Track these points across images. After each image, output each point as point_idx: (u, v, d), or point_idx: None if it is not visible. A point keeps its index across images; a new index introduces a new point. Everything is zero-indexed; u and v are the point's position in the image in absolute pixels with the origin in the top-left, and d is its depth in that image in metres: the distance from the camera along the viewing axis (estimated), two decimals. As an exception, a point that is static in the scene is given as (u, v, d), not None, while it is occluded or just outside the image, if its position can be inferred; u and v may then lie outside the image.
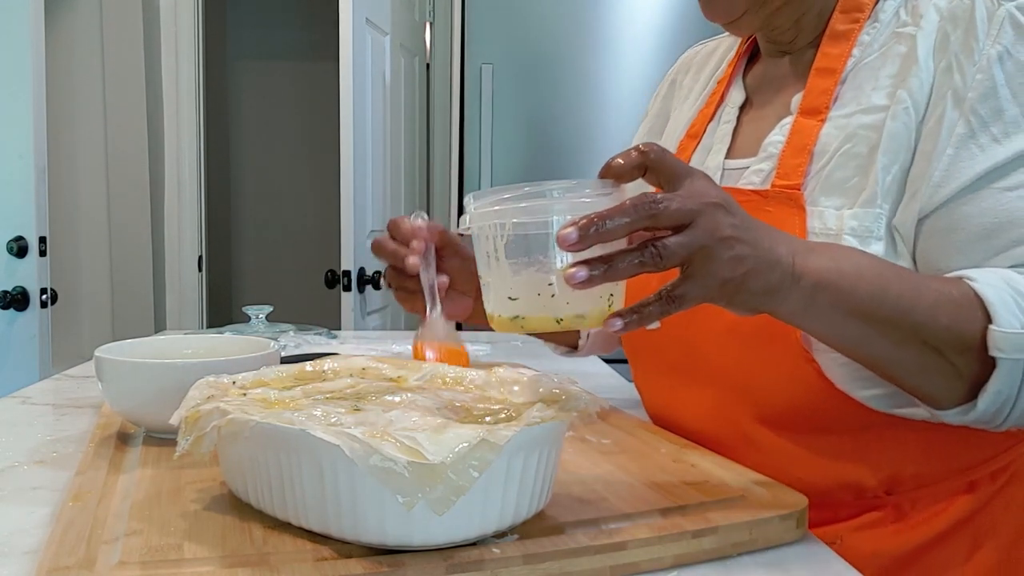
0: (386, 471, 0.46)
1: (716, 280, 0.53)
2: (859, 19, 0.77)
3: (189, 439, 0.54)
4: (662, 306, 0.53)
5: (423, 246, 0.83)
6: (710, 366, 0.77)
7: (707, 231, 0.52)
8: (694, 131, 0.90)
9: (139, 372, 0.74)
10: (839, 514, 0.75)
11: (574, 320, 0.56)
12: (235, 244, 4.51)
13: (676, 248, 0.52)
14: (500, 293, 0.58)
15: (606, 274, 0.52)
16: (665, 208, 0.52)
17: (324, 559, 0.50)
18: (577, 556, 0.52)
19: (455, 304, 0.91)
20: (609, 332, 0.55)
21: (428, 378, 0.69)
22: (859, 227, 0.70)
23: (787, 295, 0.57)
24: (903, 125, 0.70)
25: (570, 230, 0.51)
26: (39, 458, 0.78)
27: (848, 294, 0.59)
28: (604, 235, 0.51)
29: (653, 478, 0.66)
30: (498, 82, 2.46)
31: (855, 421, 0.71)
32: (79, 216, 2.88)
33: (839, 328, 0.61)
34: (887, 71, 0.73)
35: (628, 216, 0.51)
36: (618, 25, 2.44)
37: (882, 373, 0.66)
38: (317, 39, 4.16)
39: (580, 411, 0.56)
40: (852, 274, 0.59)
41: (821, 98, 0.75)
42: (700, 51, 0.99)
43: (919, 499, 0.75)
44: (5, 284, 2.01)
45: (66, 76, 2.78)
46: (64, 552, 0.50)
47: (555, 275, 0.55)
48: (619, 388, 1.16)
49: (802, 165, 0.74)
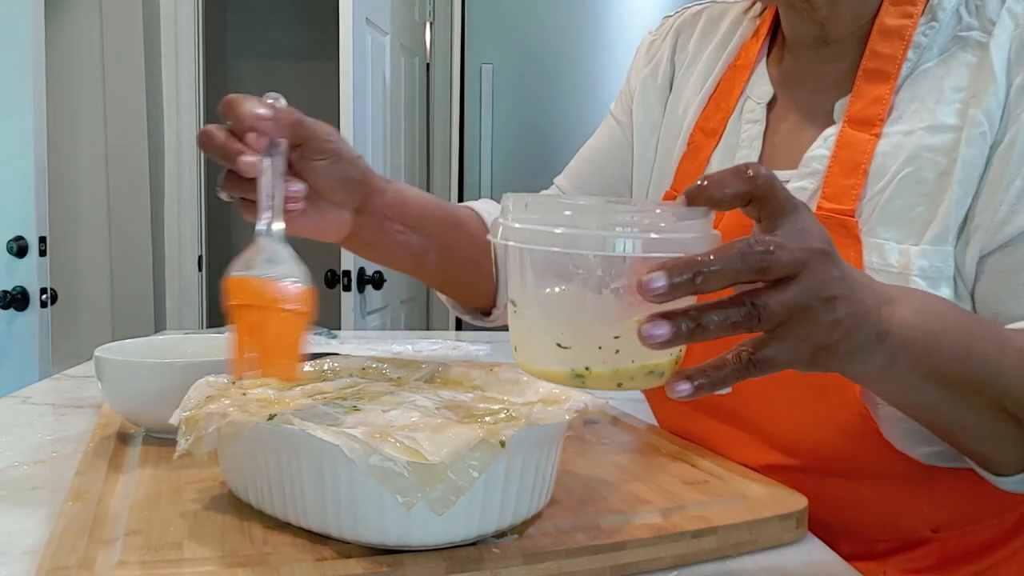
0: (386, 471, 0.46)
1: (811, 346, 0.44)
2: (911, 14, 0.67)
3: (189, 439, 0.54)
4: (742, 371, 0.43)
5: (264, 142, 0.61)
6: (747, 408, 0.69)
7: (813, 289, 0.42)
8: (711, 126, 0.78)
9: (139, 372, 0.74)
10: (877, 549, 0.69)
11: (642, 379, 0.46)
12: (235, 244, 4.51)
13: (779, 309, 0.42)
14: (547, 336, 0.46)
15: (692, 334, 0.41)
16: (777, 260, 0.41)
17: (324, 559, 0.50)
18: (577, 556, 0.52)
19: (322, 218, 0.69)
20: (672, 396, 0.44)
21: (428, 378, 0.69)
22: (929, 268, 0.61)
23: (868, 355, 0.47)
24: (979, 152, 0.62)
25: (657, 275, 0.40)
26: (39, 458, 0.78)
27: (931, 355, 0.50)
28: (700, 287, 0.40)
29: (653, 478, 0.66)
30: (498, 82, 2.46)
31: (907, 471, 0.64)
32: (79, 216, 2.88)
33: (914, 392, 0.53)
34: (952, 82, 0.64)
35: (734, 266, 0.40)
36: (618, 25, 2.44)
37: (945, 437, 0.59)
38: (317, 39, 4.16)
39: (580, 411, 0.56)
40: (938, 331, 0.51)
41: (874, 107, 0.66)
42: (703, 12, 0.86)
43: (967, 535, 0.70)
44: (5, 284, 2.01)
45: (66, 76, 2.78)
46: (64, 552, 0.50)
47: (623, 326, 0.44)
48: (619, 388, 1.16)
49: (856, 187, 0.64)
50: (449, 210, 0.83)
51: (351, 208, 0.71)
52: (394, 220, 0.75)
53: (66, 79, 2.78)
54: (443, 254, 0.80)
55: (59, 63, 2.71)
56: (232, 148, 0.61)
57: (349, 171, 0.68)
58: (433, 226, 0.78)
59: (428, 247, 0.78)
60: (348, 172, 0.68)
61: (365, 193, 0.71)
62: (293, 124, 0.63)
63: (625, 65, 0.98)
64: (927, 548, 0.70)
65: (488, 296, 0.86)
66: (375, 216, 0.73)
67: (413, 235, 0.76)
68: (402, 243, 0.76)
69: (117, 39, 2.90)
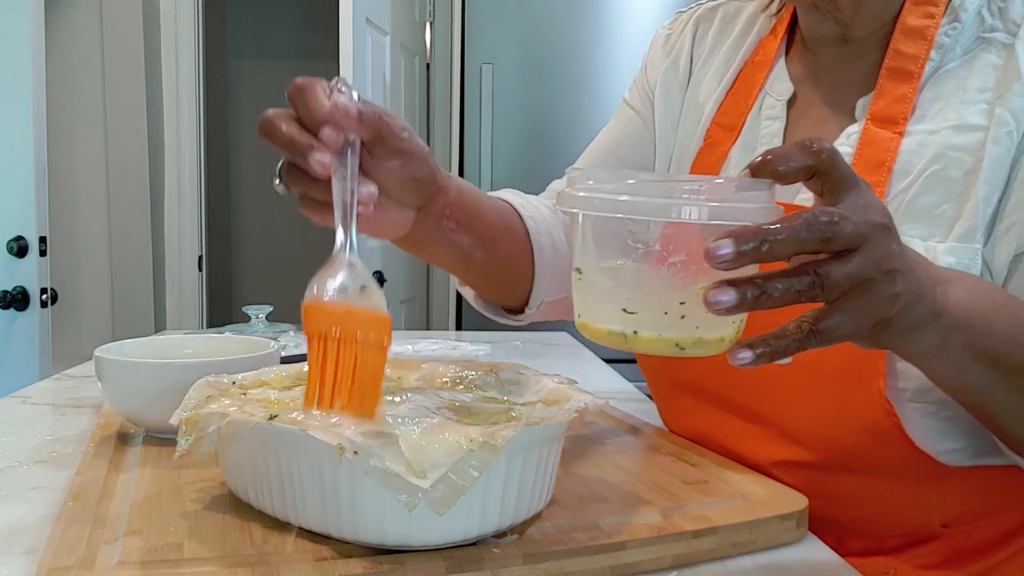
0: (386, 471, 0.46)
1: (871, 318, 0.45)
2: (933, 14, 0.67)
3: (189, 439, 0.54)
4: (802, 341, 0.44)
5: (340, 139, 0.55)
6: (765, 401, 0.69)
7: (875, 262, 0.44)
8: (729, 122, 0.78)
9: (139, 372, 0.74)
10: (885, 544, 0.70)
11: (702, 345, 0.47)
12: (235, 244, 4.51)
13: (841, 279, 0.43)
14: (611, 302, 0.48)
15: (757, 301, 0.42)
16: (841, 231, 0.43)
17: (324, 559, 0.50)
18: (577, 556, 0.52)
19: (385, 217, 0.64)
20: (733, 364, 0.45)
21: (428, 378, 0.69)
22: (956, 264, 0.61)
23: (923, 333, 0.49)
24: (1006, 151, 0.62)
25: (725, 242, 0.41)
26: (39, 458, 0.78)
27: (982, 336, 0.52)
28: (766, 255, 0.42)
29: (653, 478, 0.66)
30: (498, 82, 2.46)
31: (920, 468, 0.65)
32: (79, 216, 2.88)
33: (964, 372, 0.54)
34: (976, 83, 0.65)
35: (800, 235, 0.42)
36: (618, 25, 2.44)
37: (987, 420, 0.60)
38: (317, 39, 4.16)
39: (580, 411, 0.56)
40: (990, 313, 0.52)
41: (897, 106, 0.66)
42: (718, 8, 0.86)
43: (976, 531, 0.70)
44: (5, 284, 2.02)
45: (66, 76, 2.78)
46: (64, 552, 0.50)
47: (688, 292, 0.45)
48: (619, 388, 1.16)
49: (880, 184, 0.64)
50: (496, 205, 0.79)
51: (415, 207, 0.66)
52: (451, 219, 0.71)
53: (66, 79, 2.78)
54: (488, 252, 0.76)
55: (59, 63, 2.71)
56: (303, 143, 0.55)
57: (421, 170, 0.64)
58: (483, 224, 0.74)
59: (475, 245, 0.74)
60: (420, 172, 0.63)
61: (432, 192, 0.66)
62: (375, 125, 0.58)
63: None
64: (936, 544, 0.70)
65: (523, 294, 0.82)
66: (435, 215, 0.69)
67: (464, 234, 0.72)
68: (454, 241, 0.72)
69: (117, 39, 2.90)
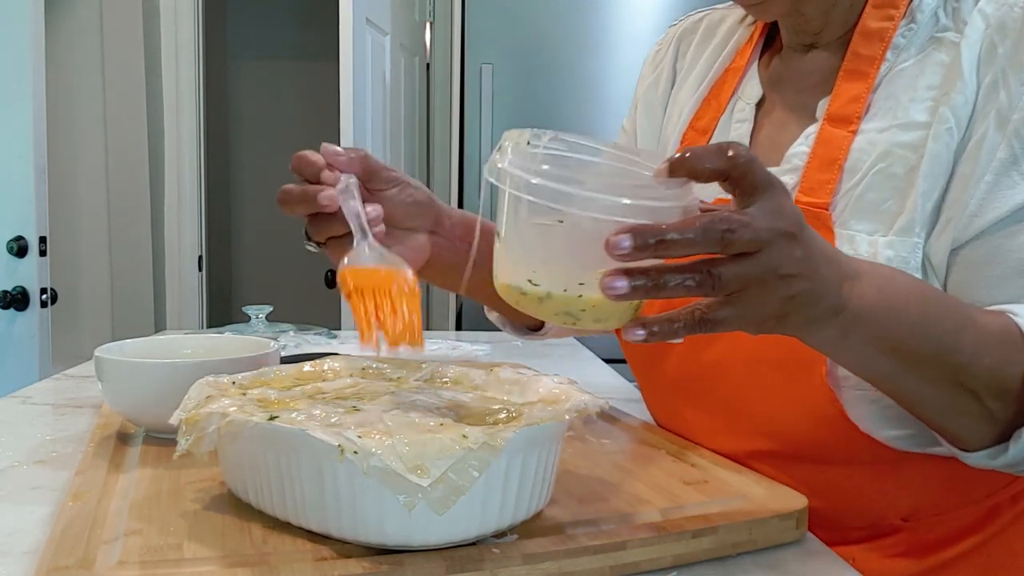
0: (386, 471, 0.46)
1: (760, 315, 0.48)
2: (893, 16, 0.69)
3: (189, 439, 0.54)
4: (693, 327, 0.47)
5: (336, 175, 0.66)
6: (724, 393, 0.72)
7: (770, 267, 0.46)
8: (702, 125, 0.81)
9: (139, 372, 0.74)
10: (849, 536, 0.70)
11: (592, 324, 0.51)
12: (235, 244, 4.50)
13: (733, 280, 0.46)
14: (520, 268, 0.51)
15: (649, 291, 0.45)
16: (739, 238, 0.45)
17: (324, 559, 0.50)
18: (577, 556, 0.52)
19: (403, 245, 0.72)
20: (627, 339, 0.49)
21: (428, 378, 0.69)
22: (895, 257, 0.64)
23: (823, 327, 0.51)
24: (945, 147, 0.64)
25: (623, 237, 0.44)
26: (39, 458, 0.78)
27: (888, 329, 0.54)
28: (661, 253, 0.45)
29: (653, 478, 0.66)
30: (498, 82, 2.46)
31: (875, 457, 0.67)
32: (79, 216, 2.88)
33: (871, 362, 0.56)
34: (926, 81, 0.66)
35: (695, 238, 0.44)
36: (618, 25, 2.44)
37: (908, 407, 0.62)
38: (317, 39, 4.16)
39: (580, 411, 0.56)
40: (899, 307, 0.54)
41: (851, 106, 0.68)
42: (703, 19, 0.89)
43: (937, 524, 0.71)
44: (5, 284, 2.01)
45: (66, 76, 2.78)
46: (63, 552, 0.50)
47: (588, 275, 0.48)
48: (619, 388, 1.16)
49: (831, 182, 0.67)
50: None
51: (426, 231, 0.75)
52: (463, 239, 0.77)
53: (66, 79, 2.78)
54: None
55: (59, 63, 2.71)
56: (311, 191, 0.66)
57: (417, 194, 0.72)
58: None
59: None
60: (416, 196, 0.72)
61: (435, 214, 0.75)
62: (361, 158, 0.68)
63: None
64: (897, 537, 0.71)
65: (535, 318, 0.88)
66: (448, 237, 0.76)
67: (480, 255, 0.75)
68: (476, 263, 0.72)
69: (117, 39, 2.90)
